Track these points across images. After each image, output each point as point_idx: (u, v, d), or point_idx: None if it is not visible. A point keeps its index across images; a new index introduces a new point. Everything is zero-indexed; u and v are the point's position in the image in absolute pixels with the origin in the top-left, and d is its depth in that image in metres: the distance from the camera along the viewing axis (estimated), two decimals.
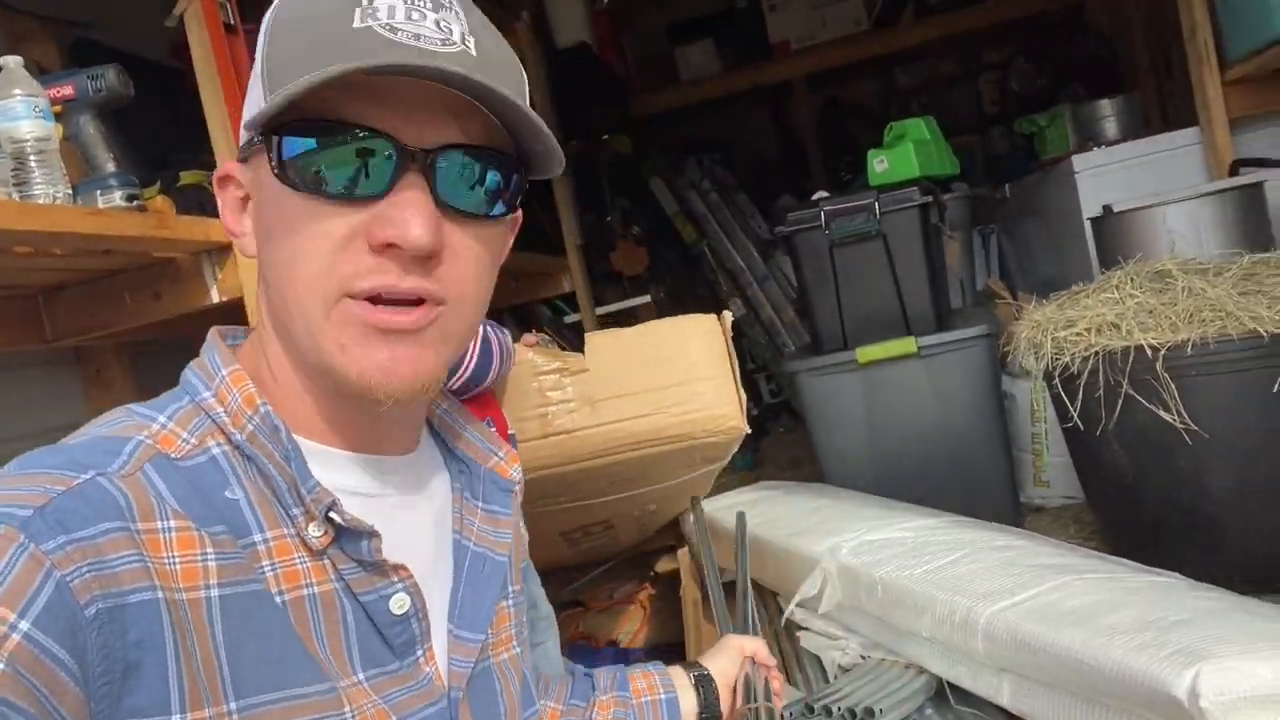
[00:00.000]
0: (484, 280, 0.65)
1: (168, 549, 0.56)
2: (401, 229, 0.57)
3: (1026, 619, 1.22)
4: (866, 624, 1.55)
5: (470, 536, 0.73)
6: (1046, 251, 3.32)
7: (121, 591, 0.53)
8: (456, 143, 0.60)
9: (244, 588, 0.59)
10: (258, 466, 0.63)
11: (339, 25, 0.58)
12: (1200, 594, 1.24)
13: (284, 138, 0.59)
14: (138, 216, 1.51)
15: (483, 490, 0.76)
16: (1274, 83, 2.56)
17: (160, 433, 0.62)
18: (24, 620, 0.49)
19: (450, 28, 0.60)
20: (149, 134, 2.12)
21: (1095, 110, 3.26)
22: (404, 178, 0.58)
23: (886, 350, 2.38)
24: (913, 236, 2.40)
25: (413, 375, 0.61)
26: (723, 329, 1.64)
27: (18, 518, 0.52)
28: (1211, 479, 1.73)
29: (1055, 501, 2.50)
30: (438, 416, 0.78)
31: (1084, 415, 1.84)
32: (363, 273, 0.59)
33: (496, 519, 0.76)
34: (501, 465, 0.77)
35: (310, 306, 0.60)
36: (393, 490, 0.68)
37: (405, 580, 0.64)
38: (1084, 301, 1.89)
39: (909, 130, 2.54)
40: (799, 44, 4.77)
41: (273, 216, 0.62)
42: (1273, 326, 1.60)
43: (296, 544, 0.62)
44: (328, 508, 0.61)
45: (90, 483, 0.56)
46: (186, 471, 0.60)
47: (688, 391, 1.56)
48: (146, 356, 2.24)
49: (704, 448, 1.58)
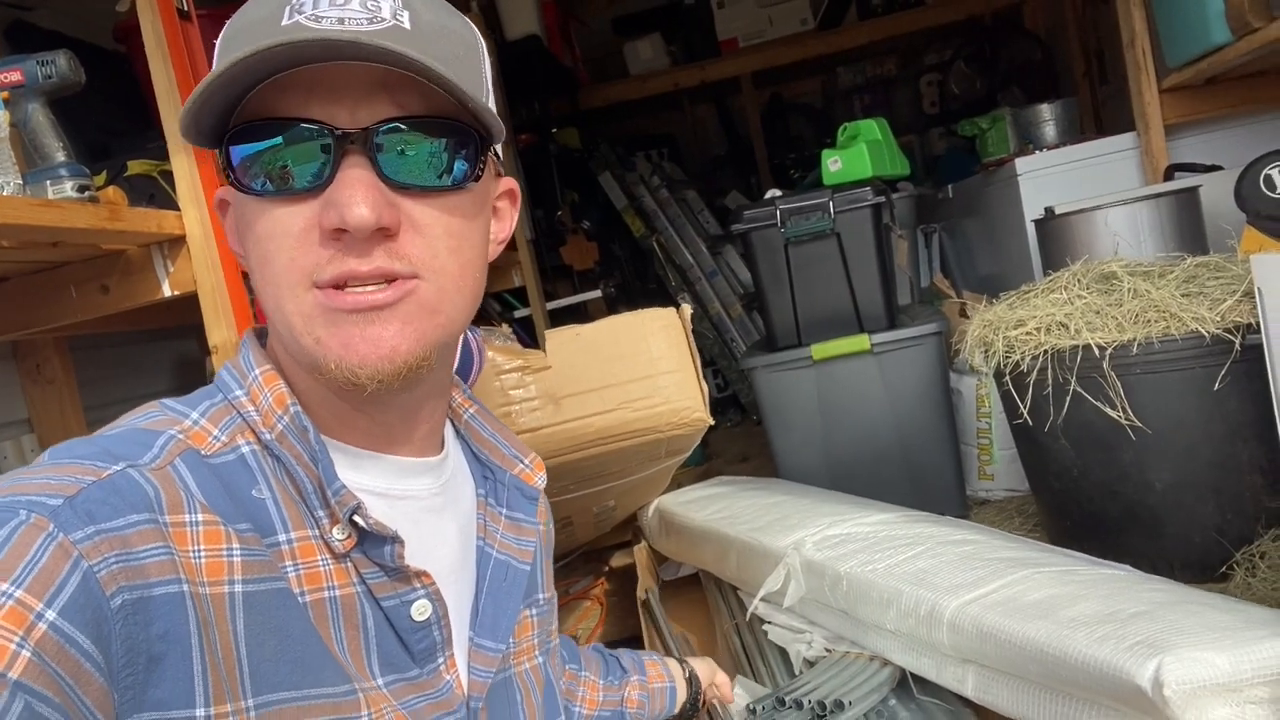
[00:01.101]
0: (463, 251, 0.64)
1: (194, 542, 0.57)
2: (344, 210, 0.57)
3: (990, 611, 1.26)
4: (830, 617, 1.58)
5: (494, 544, 0.73)
6: (987, 250, 3.41)
7: (147, 583, 0.53)
8: (392, 117, 0.59)
9: (268, 585, 0.59)
10: (285, 467, 0.63)
11: (270, 26, 0.59)
12: (1152, 586, 1.29)
13: (230, 146, 0.60)
14: (90, 208, 1.46)
15: (507, 497, 0.75)
16: (1208, 91, 2.67)
17: (192, 429, 0.63)
18: (50, 609, 0.49)
19: (380, 5, 0.60)
20: (90, 121, 2.05)
21: (1035, 114, 3.36)
22: (345, 160, 0.58)
23: (840, 347, 2.42)
24: (866, 236, 2.45)
25: (391, 353, 0.60)
26: (682, 322, 1.65)
27: (48, 507, 0.52)
28: (1153, 472, 1.80)
29: (999, 494, 2.57)
30: (464, 422, 0.77)
31: (1033, 412, 1.90)
32: (322, 263, 0.59)
33: (520, 527, 0.75)
34: (526, 472, 0.77)
35: (284, 304, 0.60)
36: (418, 494, 0.68)
37: (428, 587, 0.64)
38: (1033, 301, 1.95)
39: (862, 131, 2.58)
40: (746, 41, 4.81)
41: (243, 224, 0.63)
42: (1214, 327, 1.67)
43: (320, 546, 0.62)
44: (352, 510, 0.61)
45: (121, 474, 0.56)
46: (215, 468, 0.61)
47: (651, 385, 1.57)
48: (88, 350, 2.17)
49: (669, 440, 1.59)
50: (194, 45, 1.68)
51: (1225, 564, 1.73)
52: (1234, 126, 2.77)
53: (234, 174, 0.60)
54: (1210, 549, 1.76)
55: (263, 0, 0.62)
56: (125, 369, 2.32)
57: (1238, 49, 2.26)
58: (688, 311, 1.61)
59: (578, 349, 1.55)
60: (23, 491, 0.53)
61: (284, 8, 0.59)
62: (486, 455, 0.76)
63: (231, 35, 0.62)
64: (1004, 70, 4.72)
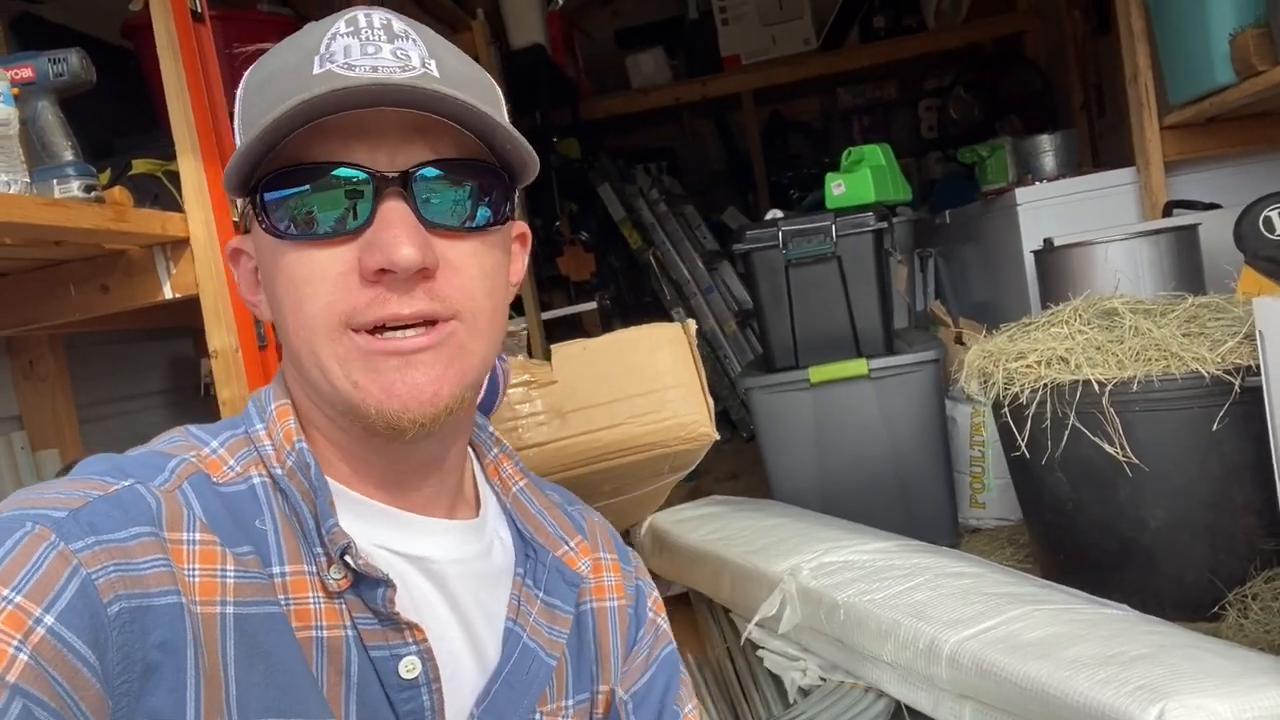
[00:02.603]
0: (495, 293, 0.64)
1: (190, 560, 0.57)
2: (388, 251, 0.57)
3: (990, 648, 1.26)
4: (825, 645, 1.57)
5: (525, 627, 0.70)
6: (983, 278, 3.43)
7: (146, 593, 0.54)
8: (428, 160, 0.60)
9: (260, 609, 0.59)
10: (291, 502, 0.62)
11: (300, 75, 0.59)
12: (1151, 628, 1.29)
13: (264, 192, 0.60)
14: (95, 209, 1.45)
15: (546, 579, 0.72)
16: (1208, 130, 2.70)
17: (209, 457, 0.63)
18: (49, 615, 0.50)
19: (408, 54, 0.61)
20: (93, 116, 2.04)
21: (1035, 145, 3.38)
22: (384, 204, 0.59)
23: (838, 371, 2.42)
24: (867, 260, 2.46)
25: (434, 397, 0.60)
26: (688, 337, 1.65)
27: (52, 519, 0.54)
28: (1148, 510, 1.81)
29: (990, 523, 2.58)
30: (513, 495, 0.75)
31: (1030, 445, 1.90)
32: (361, 307, 0.59)
33: (554, 614, 0.71)
34: (570, 556, 0.73)
35: (319, 349, 0.60)
36: (435, 553, 0.66)
37: (419, 643, 0.62)
38: (1034, 334, 1.96)
39: (866, 156, 2.59)
40: (749, 59, 4.83)
41: (272, 271, 0.62)
42: (1214, 368, 1.68)
43: (314, 583, 0.61)
44: (343, 549, 0.60)
45: (128, 489, 0.57)
46: (225, 497, 0.61)
47: (657, 400, 1.56)
48: (82, 348, 2.15)
49: (674, 456, 1.59)
50: (205, 46, 1.66)
51: (1218, 604, 1.73)
52: (1233, 166, 2.80)
53: (267, 219, 0.60)
54: (1203, 589, 1.76)
55: (288, 49, 0.62)
56: (119, 368, 2.30)
57: (1241, 90, 2.28)
58: (693, 327, 1.61)
59: (584, 363, 1.55)
60: (34, 505, 0.55)
61: (313, 57, 0.59)
62: (531, 533, 0.73)
63: (262, 82, 0.62)
64: (1003, 98, 4.75)
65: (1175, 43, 2.53)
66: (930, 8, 4.76)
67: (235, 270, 0.69)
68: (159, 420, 2.39)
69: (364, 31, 0.60)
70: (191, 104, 1.60)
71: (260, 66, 0.63)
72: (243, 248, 0.68)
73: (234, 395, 1.65)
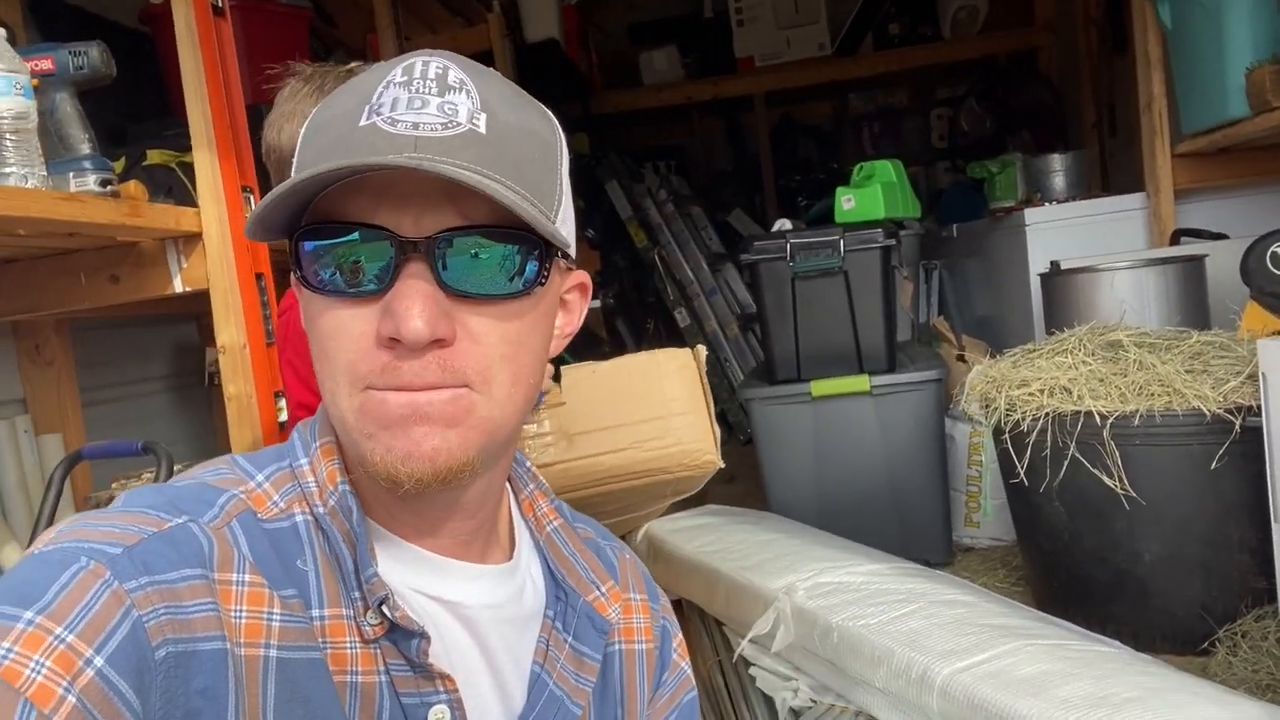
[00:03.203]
0: (519, 358, 0.63)
1: (238, 602, 0.58)
2: (400, 322, 0.57)
3: (983, 683, 1.27)
4: (818, 667, 1.58)
5: (552, 673, 0.69)
6: (988, 294, 3.44)
7: (193, 638, 0.54)
8: (455, 226, 0.59)
9: (303, 654, 0.59)
10: (331, 544, 0.62)
11: (348, 125, 0.59)
12: (1144, 668, 1.30)
13: (300, 241, 0.60)
14: (110, 203, 1.45)
15: (576, 624, 0.71)
16: (1220, 160, 2.70)
17: (255, 491, 0.63)
18: (99, 656, 0.50)
19: (456, 109, 0.60)
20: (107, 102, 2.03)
21: (1045, 164, 3.38)
22: (405, 269, 0.58)
23: (840, 386, 2.43)
24: (873, 276, 2.46)
25: (432, 456, 0.59)
26: (697, 364, 1.65)
27: (108, 555, 0.54)
28: (1143, 543, 1.82)
29: (984, 543, 2.60)
30: (546, 535, 0.74)
31: (1029, 472, 1.91)
32: (377, 371, 0.59)
33: (582, 661, 0.71)
34: (600, 601, 0.73)
35: (340, 400, 0.61)
36: (469, 598, 0.66)
37: (450, 693, 0.63)
38: (1038, 362, 1.97)
39: (878, 171, 2.59)
40: (763, 61, 4.82)
41: (306, 317, 0.63)
42: (1216, 406, 1.69)
43: (351, 627, 0.61)
44: (380, 600, 0.60)
45: (181, 528, 0.58)
46: (270, 534, 0.61)
47: (663, 426, 1.56)
48: (87, 332, 2.15)
49: (677, 481, 1.59)
50: (225, 40, 1.66)
51: (1208, 640, 1.75)
52: (1242, 196, 2.80)
53: (300, 268, 0.61)
54: (1194, 624, 1.78)
55: (349, 92, 0.62)
56: (124, 353, 2.29)
57: (1255, 124, 2.29)
58: (703, 353, 1.61)
59: (593, 386, 1.55)
60: (88, 538, 0.55)
61: (363, 107, 0.59)
62: (563, 575, 0.72)
63: (320, 126, 0.62)
64: (1015, 112, 4.75)
65: (1191, 72, 2.53)
66: (947, 18, 4.75)
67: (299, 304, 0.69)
68: (162, 406, 2.39)
69: (415, 83, 0.60)
70: (209, 99, 1.60)
71: (325, 107, 0.63)
72: None
73: (240, 391, 1.66)
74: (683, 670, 0.81)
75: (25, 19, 2.01)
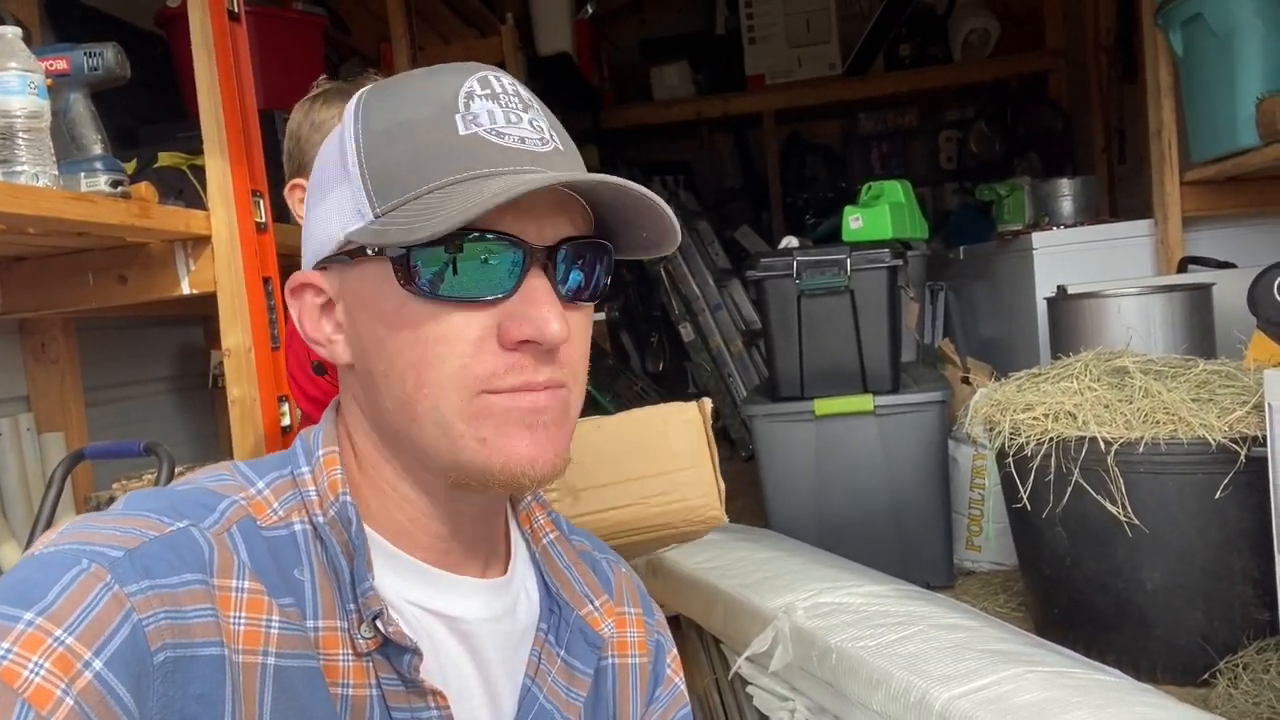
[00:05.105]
0: (589, 356, 0.67)
1: (236, 608, 0.57)
2: (539, 326, 0.59)
3: (981, 709, 1.26)
4: (815, 688, 1.57)
5: (543, 687, 0.69)
6: (993, 317, 3.44)
7: (191, 643, 0.54)
8: (570, 236, 0.62)
9: (301, 662, 0.59)
10: (329, 554, 0.62)
11: (443, 133, 0.60)
12: (1144, 699, 1.29)
13: (419, 247, 0.59)
14: (120, 204, 1.45)
15: (569, 639, 0.71)
16: (1228, 188, 2.70)
17: (255, 498, 0.63)
18: (98, 659, 0.50)
19: (540, 125, 0.62)
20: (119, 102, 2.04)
21: (1054, 188, 3.39)
22: (530, 276, 0.60)
23: (844, 405, 2.43)
24: (880, 296, 2.46)
25: (555, 456, 0.62)
26: (703, 417, 1.64)
27: (109, 558, 0.54)
28: (1145, 572, 1.81)
29: (985, 566, 2.58)
30: (542, 547, 0.74)
31: (1032, 497, 1.91)
32: (500, 372, 0.60)
33: (573, 675, 0.71)
34: (594, 616, 0.72)
35: (445, 408, 0.60)
36: (466, 613, 0.66)
37: (441, 709, 0.63)
38: (1043, 386, 1.96)
39: (886, 192, 2.60)
40: (773, 79, 4.84)
41: (391, 324, 0.62)
42: (1221, 436, 1.69)
43: (345, 640, 0.61)
44: (374, 615, 0.60)
45: (182, 532, 0.57)
46: (269, 541, 0.61)
47: (668, 482, 1.55)
48: (92, 331, 2.15)
49: (682, 535, 1.59)
50: (240, 44, 1.66)
51: (1209, 671, 1.74)
52: (1250, 225, 2.80)
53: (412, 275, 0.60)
54: (1195, 654, 1.77)
55: (417, 97, 0.62)
56: (129, 353, 2.30)
57: (1265, 154, 2.29)
58: (708, 406, 1.59)
59: (598, 441, 1.53)
60: (89, 540, 0.55)
61: (453, 115, 0.60)
62: (558, 588, 0.72)
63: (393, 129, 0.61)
64: (1024, 136, 4.76)
65: (1201, 101, 2.53)
66: (958, 40, 4.77)
67: (296, 303, 0.67)
68: (165, 407, 2.39)
69: (501, 97, 0.61)
70: (223, 104, 1.61)
71: (386, 109, 0.62)
72: (316, 283, 0.65)
73: (244, 394, 1.66)
74: (676, 685, 0.80)
75: (42, 19, 2.02)
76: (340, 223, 0.62)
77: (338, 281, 0.65)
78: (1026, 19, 4.76)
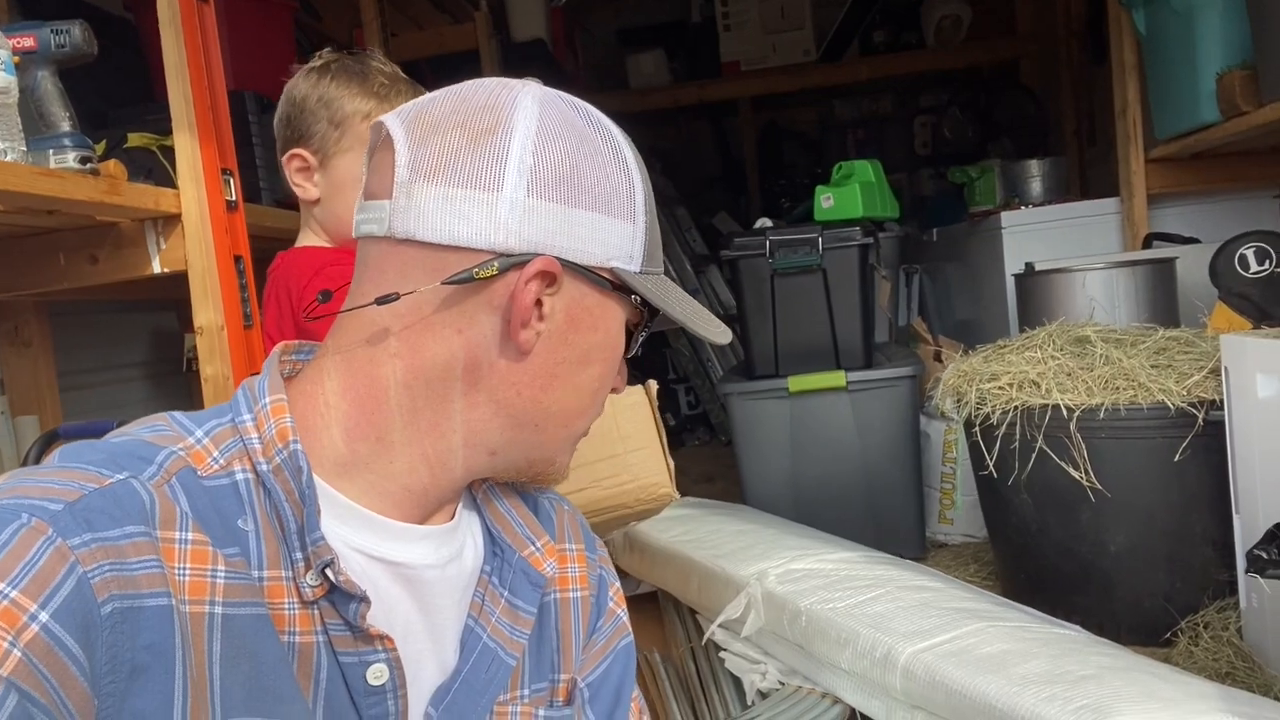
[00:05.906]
0: None
1: (181, 560, 0.57)
2: (622, 382, 0.73)
3: (944, 661, 1.29)
4: (786, 650, 1.61)
5: (486, 626, 0.70)
6: (966, 297, 3.48)
7: (138, 594, 0.54)
8: None
9: (248, 610, 0.59)
10: (274, 502, 0.62)
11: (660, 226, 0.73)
12: (1100, 650, 1.33)
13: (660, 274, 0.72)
14: (90, 180, 1.46)
15: (511, 579, 0.72)
16: (1192, 165, 2.75)
17: (194, 448, 0.62)
18: (44, 611, 0.50)
19: None
20: (89, 85, 2.04)
21: (1024, 169, 3.43)
22: None
23: (817, 381, 2.46)
24: (851, 274, 2.49)
25: None
26: (649, 398, 1.67)
27: (49, 511, 0.53)
28: (1109, 535, 1.85)
29: (956, 539, 2.62)
30: (483, 491, 0.75)
31: (999, 465, 1.94)
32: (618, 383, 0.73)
33: (517, 614, 0.72)
34: (535, 556, 0.74)
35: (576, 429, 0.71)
36: (412, 558, 0.67)
37: (389, 651, 0.63)
38: (1008, 357, 2.00)
39: (857, 171, 2.62)
40: (748, 66, 4.86)
41: (600, 346, 0.69)
42: (1179, 400, 1.72)
43: (290, 589, 0.61)
44: (324, 564, 0.61)
45: (122, 484, 0.57)
46: (210, 491, 0.61)
47: (619, 464, 1.58)
48: (67, 315, 2.15)
49: (636, 514, 1.62)
50: (208, 25, 1.67)
51: (1171, 630, 1.78)
52: (1213, 201, 2.85)
53: (648, 310, 0.69)
54: (1158, 615, 1.81)
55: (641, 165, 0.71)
56: (102, 337, 2.30)
57: (1225, 129, 2.33)
58: (654, 387, 1.63)
59: None
60: (26, 494, 0.54)
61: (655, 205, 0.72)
62: (499, 531, 0.73)
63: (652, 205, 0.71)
64: (997, 121, 4.80)
65: (1164, 78, 2.58)
66: (931, 26, 4.80)
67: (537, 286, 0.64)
68: (140, 392, 2.40)
69: None
70: (191, 82, 1.61)
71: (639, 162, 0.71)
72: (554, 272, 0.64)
73: (217, 373, 1.67)
74: (619, 617, 0.82)
75: (9, 3, 2.02)
76: (604, 252, 0.66)
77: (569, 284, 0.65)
78: (998, 4, 4.80)
